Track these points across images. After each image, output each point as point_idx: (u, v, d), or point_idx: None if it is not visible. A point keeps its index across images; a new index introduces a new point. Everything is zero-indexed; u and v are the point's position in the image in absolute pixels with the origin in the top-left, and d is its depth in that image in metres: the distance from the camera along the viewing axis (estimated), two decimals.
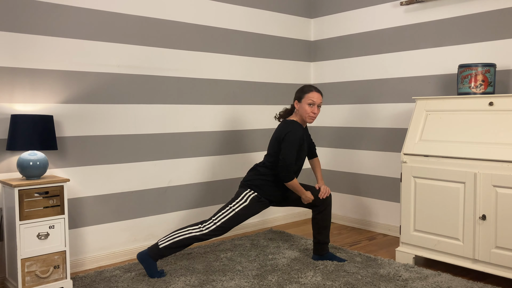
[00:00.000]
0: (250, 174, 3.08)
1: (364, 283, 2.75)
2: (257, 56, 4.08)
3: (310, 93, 3.00)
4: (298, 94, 3.05)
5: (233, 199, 2.98)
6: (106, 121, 3.18)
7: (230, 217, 2.89)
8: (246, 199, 2.95)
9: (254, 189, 2.98)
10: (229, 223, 2.89)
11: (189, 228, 2.88)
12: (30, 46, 2.84)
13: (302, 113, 3.02)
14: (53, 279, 2.66)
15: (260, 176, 3.01)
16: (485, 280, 2.84)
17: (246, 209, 2.92)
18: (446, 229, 2.93)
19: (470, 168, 2.81)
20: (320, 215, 3.10)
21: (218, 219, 2.89)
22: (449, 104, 3.04)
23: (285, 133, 2.94)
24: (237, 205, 2.93)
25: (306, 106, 2.99)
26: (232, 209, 2.92)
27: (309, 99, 2.99)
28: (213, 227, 2.87)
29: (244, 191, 2.99)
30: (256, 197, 2.96)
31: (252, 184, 2.99)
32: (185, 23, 3.57)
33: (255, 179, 3.01)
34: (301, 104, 3.02)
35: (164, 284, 2.75)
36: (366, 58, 4.06)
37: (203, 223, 2.90)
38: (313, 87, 3.04)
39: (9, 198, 2.60)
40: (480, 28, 3.33)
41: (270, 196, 3.01)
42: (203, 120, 3.71)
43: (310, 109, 2.99)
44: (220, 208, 2.96)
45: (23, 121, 2.58)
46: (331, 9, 4.35)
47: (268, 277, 2.85)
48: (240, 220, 2.92)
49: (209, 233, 2.86)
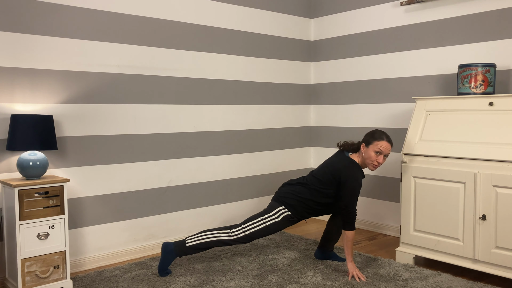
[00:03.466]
0: (286, 189, 3.00)
1: (364, 283, 2.75)
2: (257, 56, 4.07)
3: (380, 141, 2.86)
4: (368, 138, 2.91)
5: (266, 211, 2.94)
6: (106, 121, 3.18)
7: (259, 229, 2.89)
8: (279, 216, 2.91)
9: (288, 208, 2.93)
10: (257, 234, 2.89)
11: (218, 232, 2.89)
12: (30, 46, 2.84)
13: (366, 159, 2.90)
14: (53, 279, 2.66)
15: (296, 195, 2.94)
16: (485, 280, 2.84)
17: (276, 225, 2.91)
18: (446, 229, 2.93)
19: (470, 168, 2.81)
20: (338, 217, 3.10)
21: (248, 229, 2.89)
22: (449, 104, 3.04)
23: (346, 177, 2.83)
24: (269, 219, 2.91)
25: (372, 153, 2.87)
26: (263, 222, 2.90)
27: (378, 147, 2.86)
28: (241, 235, 2.88)
29: (278, 206, 2.94)
30: (288, 216, 2.92)
31: (287, 203, 2.93)
32: (185, 23, 3.57)
33: (291, 197, 2.94)
34: (367, 149, 2.89)
35: (164, 284, 2.75)
36: (366, 58, 4.06)
37: (232, 228, 2.90)
38: (385, 135, 2.89)
39: (9, 198, 2.60)
40: (480, 28, 3.33)
41: (302, 216, 2.97)
42: (203, 120, 3.71)
43: (376, 157, 2.87)
44: (251, 217, 2.94)
45: (23, 121, 2.58)
46: (331, 9, 4.35)
47: (268, 277, 2.85)
48: (268, 234, 2.92)
49: (236, 240, 2.87)
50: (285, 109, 4.33)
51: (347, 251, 2.85)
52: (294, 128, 4.42)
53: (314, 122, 4.56)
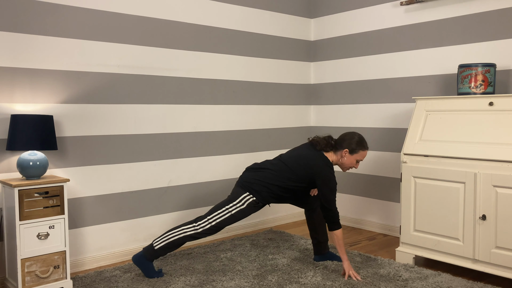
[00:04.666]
0: (250, 175, 2.96)
1: (364, 283, 2.75)
2: (257, 56, 4.08)
3: (365, 151, 2.94)
4: (353, 146, 2.91)
5: (230, 199, 2.90)
6: (106, 121, 3.18)
7: (225, 218, 2.86)
8: (244, 203, 2.88)
9: (253, 194, 2.89)
10: (224, 223, 2.87)
11: (183, 228, 2.86)
12: (30, 46, 2.84)
13: (344, 163, 2.94)
14: (53, 279, 2.66)
15: (262, 181, 2.90)
16: (485, 280, 2.84)
17: (241, 212, 2.88)
18: (446, 229, 2.93)
19: (470, 168, 2.81)
20: (315, 214, 3.11)
21: (213, 219, 2.86)
22: (449, 104, 3.04)
23: (323, 178, 2.82)
24: (234, 207, 2.88)
25: (354, 161, 2.93)
26: (228, 211, 2.87)
27: (362, 156, 2.93)
28: (208, 227, 2.85)
29: (243, 193, 2.90)
30: (253, 202, 2.89)
31: (252, 188, 2.89)
32: (185, 23, 3.57)
33: (255, 183, 2.90)
34: (350, 156, 2.92)
35: (164, 284, 2.75)
36: (366, 58, 4.06)
37: (197, 221, 2.87)
38: (367, 145, 2.96)
39: (9, 198, 2.60)
40: (480, 28, 3.33)
41: (267, 201, 2.93)
42: (203, 120, 3.71)
43: (356, 164, 2.95)
44: (215, 207, 2.91)
45: (23, 121, 2.58)
46: (331, 9, 4.35)
47: (268, 277, 2.85)
48: (234, 221, 2.90)
49: (203, 232, 2.85)
50: (285, 109, 4.33)
51: (340, 250, 2.85)
52: (294, 128, 4.42)
53: (314, 122, 4.56)
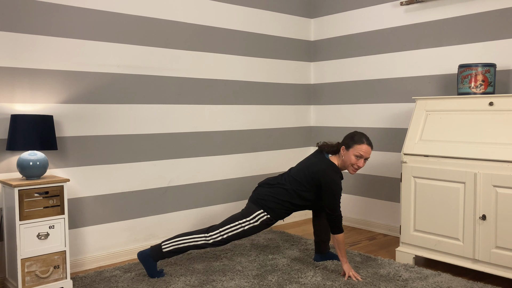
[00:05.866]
0: (265, 191, 2.91)
1: (364, 283, 2.75)
2: (257, 56, 4.08)
3: (360, 145, 2.80)
4: (348, 141, 2.84)
5: (244, 214, 2.87)
6: (106, 121, 3.18)
7: (237, 233, 2.85)
8: (258, 220, 2.85)
9: (267, 211, 2.86)
10: (234, 238, 2.86)
11: (194, 236, 2.85)
12: (30, 46, 2.84)
13: (346, 162, 2.84)
14: (53, 279, 2.66)
15: (275, 198, 2.86)
16: (485, 280, 2.84)
17: (254, 229, 2.87)
18: (446, 229, 2.93)
19: (470, 168, 2.81)
20: (323, 213, 3.11)
21: (225, 233, 2.85)
22: (449, 104, 3.04)
23: (326, 181, 2.77)
24: (247, 223, 2.85)
25: (352, 157, 2.81)
26: (241, 226, 2.85)
27: (358, 151, 2.80)
28: (219, 239, 2.84)
29: (257, 210, 2.86)
30: (267, 219, 2.86)
31: (266, 206, 2.86)
32: (185, 23, 3.57)
33: (269, 200, 2.86)
34: (347, 153, 2.83)
35: (164, 284, 2.75)
36: (366, 58, 4.06)
37: (209, 232, 2.85)
38: (365, 138, 2.83)
39: (9, 198, 2.60)
40: (480, 28, 3.33)
41: (280, 217, 2.93)
42: (203, 120, 3.71)
43: (356, 161, 2.81)
44: (228, 219, 2.88)
45: (23, 121, 2.58)
46: (331, 9, 4.35)
47: (268, 277, 2.85)
48: (244, 237, 2.89)
49: (213, 243, 2.85)
50: (285, 109, 4.33)
51: (341, 253, 2.84)
52: (294, 128, 4.42)
53: (314, 122, 4.56)
